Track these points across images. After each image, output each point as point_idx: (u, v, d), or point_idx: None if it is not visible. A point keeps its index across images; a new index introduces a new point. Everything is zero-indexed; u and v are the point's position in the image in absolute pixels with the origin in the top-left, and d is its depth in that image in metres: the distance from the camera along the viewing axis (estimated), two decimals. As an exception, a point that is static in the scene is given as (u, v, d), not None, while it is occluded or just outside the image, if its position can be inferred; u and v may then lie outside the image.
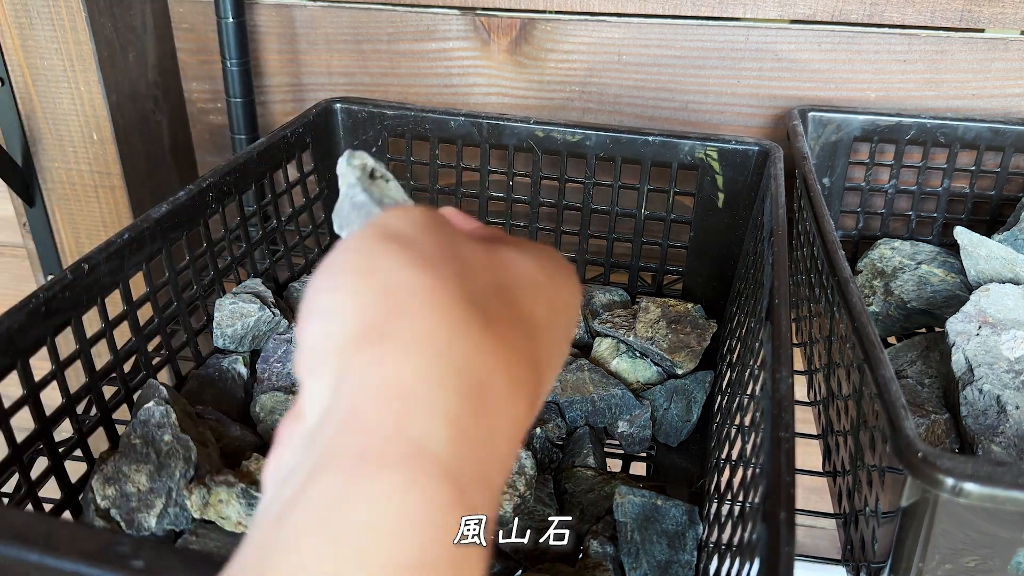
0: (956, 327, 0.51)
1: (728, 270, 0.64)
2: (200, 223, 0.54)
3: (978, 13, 0.65)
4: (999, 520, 0.33)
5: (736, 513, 0.38)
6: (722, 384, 0.53)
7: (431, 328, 0.20)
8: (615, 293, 0.64)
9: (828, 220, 0.49)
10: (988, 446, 0.46)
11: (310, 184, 0.67)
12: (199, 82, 0.80)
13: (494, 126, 0.65)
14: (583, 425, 0.54)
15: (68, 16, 0.68)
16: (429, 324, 0.20)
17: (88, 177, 0.75)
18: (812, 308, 0.55)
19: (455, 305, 0.20)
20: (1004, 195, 0.68)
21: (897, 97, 0.70)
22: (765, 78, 0.71)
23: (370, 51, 0.76)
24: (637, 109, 0.74)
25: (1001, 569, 0.35)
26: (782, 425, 0.32)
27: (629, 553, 0.44)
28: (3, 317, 0.39)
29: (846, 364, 0.44)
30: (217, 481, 0.42)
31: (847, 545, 0.43)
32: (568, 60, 0.73)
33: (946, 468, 0.31)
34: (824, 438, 0.51)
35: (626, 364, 0.58)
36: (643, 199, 0.65)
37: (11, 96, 0.72)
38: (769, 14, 0.68)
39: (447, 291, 0.21)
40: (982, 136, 0.65)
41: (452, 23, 0.73)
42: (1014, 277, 0.55)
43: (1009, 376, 0.48)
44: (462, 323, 0.20)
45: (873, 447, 0.38)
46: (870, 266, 0.64)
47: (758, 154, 0.60)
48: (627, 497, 0.45)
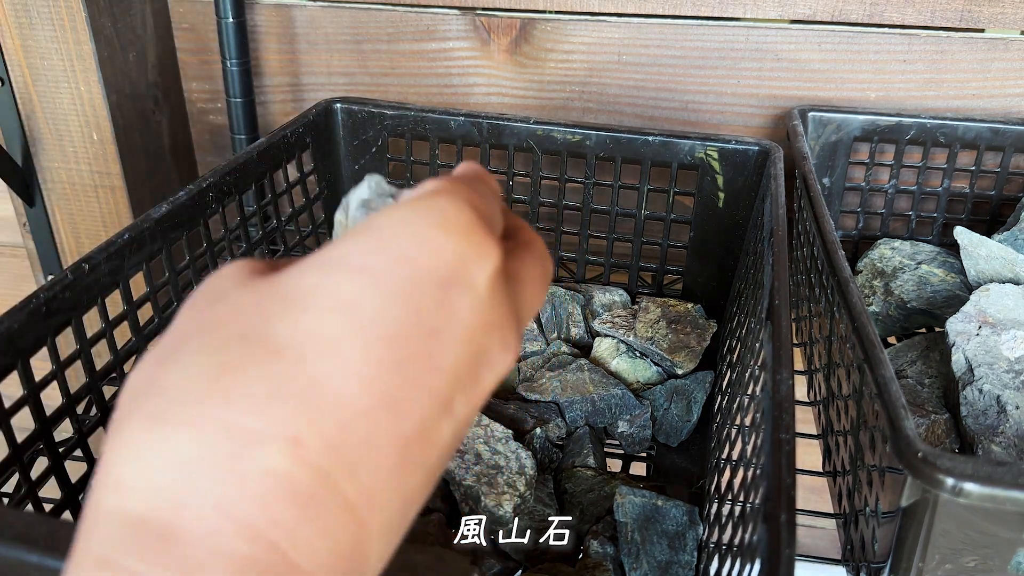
0: (956, 327, 0.51)
1: (728, 270, 0.64)
2: (200, 223, 0.54)
3: (978, 13, 0.65)
4: (999, 520, 0.33)
5: (736, 514, 0.38)
6: (722, 384, 0.53)
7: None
8: (615, 293, 0.64)
9: (828, 220, 0.49)
10: (988, 446, 0.46)
11: (310, 184, 0.67)
12: (199, 82, 0.80)
13: (494, 126, 0.65)
14: (583, 425, 0.54)
15: (68, 16, 0.68)
16: None
17: (88, 177, 0.75)
18: (812, 308, 0.55)
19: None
20: (1004, 195, 0.68)
21: (897, 97, 0.70)
22: (765, 78, 0.71)
23: (370, 51, 0.76)
24: (637, 109, 0.74)
25: (1001, 569, 0.35)
26: (783, 426, 0.32)
27: (629, 553, 0.44)
28: (3, 317, 0.39)
29: (846, 364, 0.44)
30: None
31: (847, 545, 0.43)
32: (568, 60, 0.73)
33: (946, 468, 0.31)
34: (824, 438, 0.51)
35: (626, 364, 0.58)
36: (643, 199, 0.65)
37: (11, 96, 0.72)
38: (769, 14, 0.68)
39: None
40: (982, 136, 0.65)
41: (452, 23, 0.73)
42: (1014, 277, 0.55)
43: (1009, 376, 0.48)
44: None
45: (873, 447, 0.39)
46: (870, 266, 0.64)
47: (758, 154, 0.60)
48: (627, 497, 0.45)
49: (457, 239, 0.20)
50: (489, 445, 0.49)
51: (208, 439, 0.17)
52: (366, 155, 0.69)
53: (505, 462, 0.48)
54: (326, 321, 0.18)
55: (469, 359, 0.20)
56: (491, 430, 0.49)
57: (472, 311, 0.20)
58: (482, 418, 0.50)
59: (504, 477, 0.47)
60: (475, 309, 0.20)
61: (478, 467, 0.47)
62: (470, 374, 0.20)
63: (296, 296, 0.19)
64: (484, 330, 0.20)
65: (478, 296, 0.20)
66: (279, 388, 0.17)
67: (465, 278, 0.20)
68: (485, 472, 0.47)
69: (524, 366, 0.59)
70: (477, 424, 0.50)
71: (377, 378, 0.18)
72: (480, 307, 0.20)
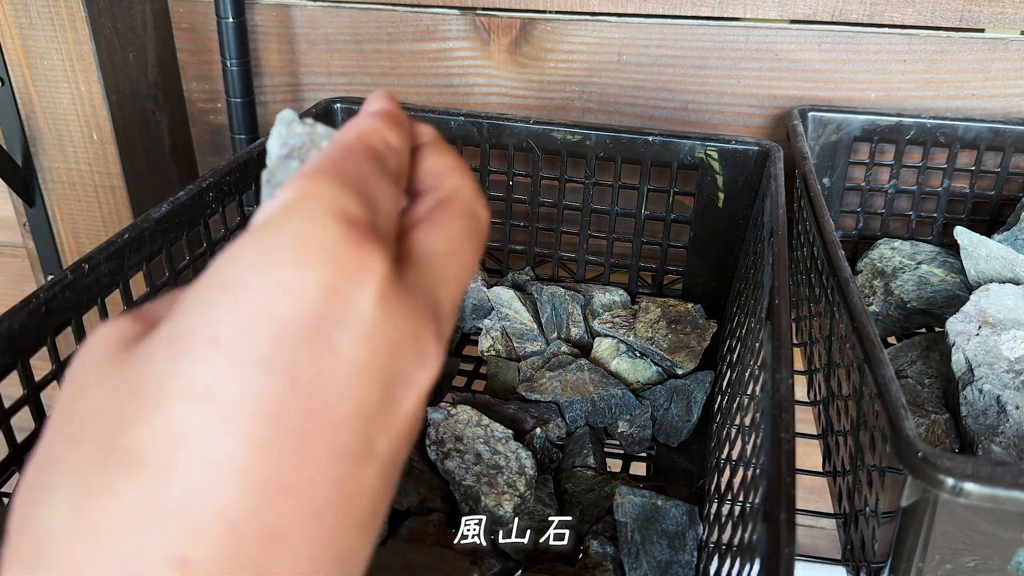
0: (956, 327, 0.51)
1: (728, 270, 0.64)
2: (200, 223, 0.54)
3: (978, 13, 0.65)
4: (999, 520, 0.33)
5: (736, 513, 0.38)
6: (722, 384, 0.53)
7: None
8: (615, 293, 0.64)
9: (828, 220, 0.49)
10: (988, 446, 0.46)
11: (310, 184, 0.67)
12: (199, 82, 0.80)
13: (494, 126, 0.65)
14: (583, 425, 0.54)
15: (68, 16, 0.68)
16: None
17: (88, 177, 0.75)
18: (812, 308, 0.55)
19: None
20: (1004, 195, 0.68)
21: (897, 97, 0.70)
22: (765, 78, 0.71)
23: (370, 51, 0.76)
24: (637, 109, 0.74)
25: (1001, 569, 0.35)
26: (782, 425, 0.32)
27: (629, 553, 0.44)
28: (3, 317, 0.39)
29: (846, 364, 0.44)
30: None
31: (847, 545, 0.43)
32: (568, 60, 0.73)
33: (946, 468, 0.31)
34: (824, 438, 0.51)
35: (626, 364, 0.58)
36: (643, 199, 0.65)
37: (11, 96, 0.72)
38: (769, 14, 0.68)
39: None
40: (982, 136, 0.65)
41: (452, 23, 0.73)
42: (1014, 277, 0.55)
43: (1009, 376, 0.48)
44: None
45: (873, 447, 0.38)
46: (870, 266, 0.64)
47: (758, 154, 0.60)
48: (627, 497, 0.45)
49: (321, 269, 0.17)
50: (489, 445, 0.49)
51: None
52: (366, 155, 0.69)
53: (505, 462, 0.48)
54: (183, 416, 0.16)
55: (376, 393, 0.17)
56: (491, 430, 0.49)
57: (362, 343, 0.17)
58: (482, 418, 0.50)
59: (504, 477, 0.47)
60: (365, 338, 0.17)
61: (478, 467, 0.47)
62: (382, 407, 0.18)
63: (148, 388, 0.16)
64: (386, 354, 0.18)
65: (365, 322, 0.17)
66: (151, 508, 0.15)
67: (342, 311, 0.17)
68: (485, 472, 0.47)
69: (524, 366, 0.59)
70: (477, 424, 0.50)
71: (260, 465, 0.16)
72: (372, 333, 0.17)
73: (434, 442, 0.49)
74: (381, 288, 0.17)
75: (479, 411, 0.50)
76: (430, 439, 0.49)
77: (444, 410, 0.50)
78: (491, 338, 0.62)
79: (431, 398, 0.55)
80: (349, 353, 0.17)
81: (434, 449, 0.49)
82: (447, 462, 0.48)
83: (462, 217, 0.21)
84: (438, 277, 0.20)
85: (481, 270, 0.66)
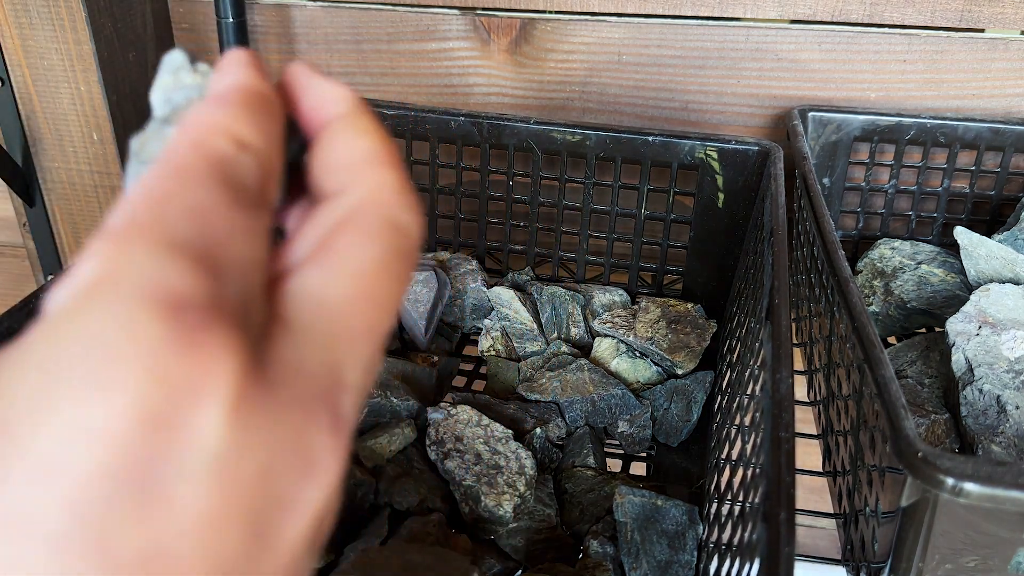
0: (956, 327, 0.51)
1: (728, 270, 0.64)
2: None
3: (978, 13, 0.65)
4: (999, 520, 0.33)
5: (736, 513, 0.38)
6: (722, 384, 0.53)
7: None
8: (615, 293, 0.64)
9: (828, 220, 0.49)
10: (988, 446, 0.46)
11: (310, 184, 0.67)
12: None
13: (494, 126, 0.65)
14: (583, 425, 0.54)
15: (68, 16, 0.68)
16: None
17: (88, 177, 0.75)
18: (812, 308, 0.55)
19: None
20: (1004, 195, 0.68)
21: (897, 97, 0.70)
22: (765, 78, 0.71)
23: (370, 51, 0.76)
24: (637, 109, 0.74)
25: (1001, 569, 0.35)
26: (782, 425, 0.32)
27: (629, 553, 0.44)
28: (3, 317, 0.39)
29: (846, 364, 0.44)
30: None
31: (847, 545, 0.43)
32: (568, 60, 0.73)
33: (946, 468, 0.31)
34: (824, 438, 0.51)
35: (626, 364, 0.58)
36: (643, 199, 0.65)
37: (11, 96, 0.72)
38: (769, 14, 0.68)
39: None
40: (982, 136, 0.65)
41: (452, 23, 0.73)
42: (1014, 277, 0.55)
43: (1009, 376, 0.48)
44: None
45: (873, 447, 0.38)
46: (870, 266, 0.64)
47: (758, 154, 0.60)
48: (627, 497, 0.45)
49: (136, 391, 0.12)
50: (489, 445, 0.49)
51: None
52: (366, 155, 0.69)
53: (505, 462, 0.48)
54: None
55: (238, 542, 0.13)
56: (491, 430, 0.49)
57: (209, 484, 0.12)
58: (482, 418, 0.50)
59: (504, 477, 0.47)
60: (213, 476, 0.12)
61: (478, 467, 0.47)
62: (251, 556, 0.13)
63: None
64: (248, 486, 0.13)
65: (211, 455, 0.12)
66: None
67: (174, 446, 0.12)
68: (485, 472, 0.47)
69: (524, 366, 0.59)
70: (477, 424, 0.50)
71: None
72: (223, 466, 0.12)
73: (434, 442, 0.49)
74: (232, 399, 0.12)
75: (479, 411, 0.50)
76: (430, 439, 0.49)
77: (444, 410, 0.50)
78: (491, 338, 0.62)
79: (433, 398, 0.55)
80: (191, 503, 0.12)
81: (434, 449, 0.49)
82: (447, 462, 0.48)
83: (377, 237, 0.15)
84: (335, 339, 0.14)
85: (481, 270, 0.66)
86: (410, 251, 0.16)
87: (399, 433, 0.49)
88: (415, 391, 0.54)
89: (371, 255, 0.15)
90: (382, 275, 0.15)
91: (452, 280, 0.64)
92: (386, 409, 0.51)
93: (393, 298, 0.15)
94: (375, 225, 0.15)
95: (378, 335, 0.15)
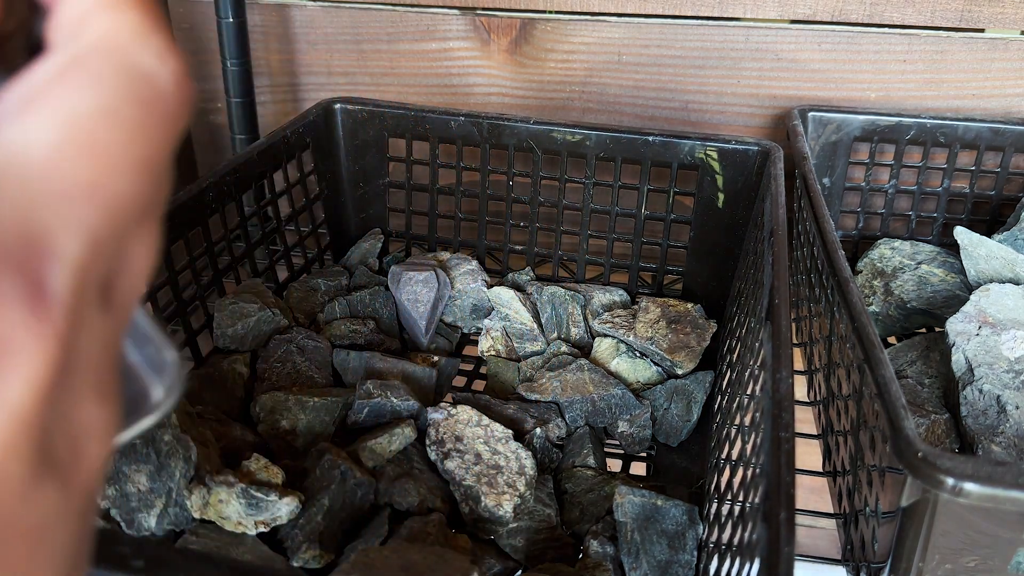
0: (956, 327, 0.51)
1: (728, 270, 0.64)
2: (200, 223, 0.54)
3: (978, 13, 0.65)
4: (999, 520, 0.33)
5: (736, 513, 0.38)
6: (722, 384, 0.53)
7: None
8: (615, 293, 0.64)
9: (828, 220, 0.49)
10: (988, 446, 0.46)
11: (310, 184, 0.67)
12: (199, 82, 0.80)
13: (494, 126, 0.65)
14: (583, 425, 0.54)
15: (68, 16, 0.68)
16: None
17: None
18: (812, 308, 0.55)
19: None
20: (1004, 195, 0.68)
21: (897, 97, 0.70)
22: (765, 78, 0.71)
23: (370, 51, 0.76)
24: (637, 109, 0.74)
25: (1001, 569, 0.35)
26: (782, 425, 0.32)
27: (629, 553, 0.44)
28: None
29: (846, 364, 0.44)
30: (217, 481, 0.42)
31: (847, 545, 0.43)
32: (568, 60, 0.73)
33: (946, 468, 0.31)
34: (824, 438, 0.51)
35: (626, 364, 0.58)
36: (643, 199, 0.65)
37: (11, 96, 0.72)
38: (769, 14, 0.68)
39: None
40: (982, 136, 0.65)
41: (452, 23, 0.73)
42: (1014, 277, 0.55)
43: (1009, 376, 0.48)
44: None
45: (873, 447, 0.39)
46: (870, 266, 0.64)
47: (758, 154, 0.60)
48: (627, 497, 0.45)
49: None
50: (489, 445, 0.49)
51: None
52: (366, 155, 0.69)
53: (505, 462, 0.48)
54: None
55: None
56: (491, 430, 0.49)
57: None
58: (482, 418, 0.50)
59: (504, 477, 0.47)
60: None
61: (478, 467, 0.47)
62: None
63: None
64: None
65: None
66: None
67: None
68: (485, 472, 0.47)
69: (524, 366, 0.59)
70: (477, 424, 0.50)
71: None
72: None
73: (434, 442, 0.49)
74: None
75: (479, 411, 0.50)
76: (430, 439, 0.49)
77: (444, 410, 0.50)
78: (491, 338, 0.62)
79: (433, 398, 0.55)
80: None
81: (434, 449, 0.49)
82: (447, 462, 0.48)
83: (100, 81, 0.13)
84: (32, 196, 0.12)
85: (481, 270, 0.66)
86: (155, 99, 0.13)
87: (399, 433, 0.49)
88: (415, 391, 0.54)
89: (89, 101, 0.12)
90: (104, 123, 0.12)
91: (452, 280, 0.64)
92: (386, 409, 0.51)
93: (128, 152, 0.13)
94: (99, 69, 0.13)
95: (108, 195, 0.12)
